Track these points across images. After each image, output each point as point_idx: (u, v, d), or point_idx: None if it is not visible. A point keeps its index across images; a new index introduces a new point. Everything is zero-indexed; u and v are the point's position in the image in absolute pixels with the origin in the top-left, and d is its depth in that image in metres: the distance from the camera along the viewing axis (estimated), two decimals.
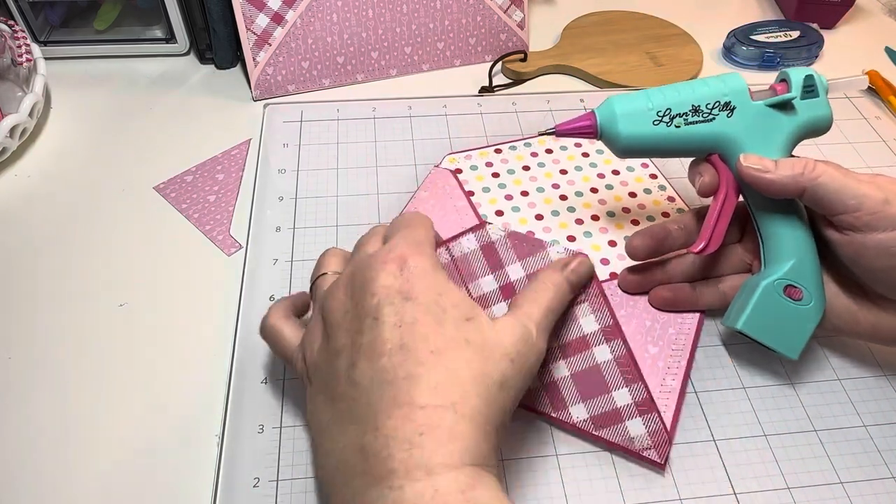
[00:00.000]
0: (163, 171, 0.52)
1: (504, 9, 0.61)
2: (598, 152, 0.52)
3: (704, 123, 0.37)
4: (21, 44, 0.54)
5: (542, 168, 0.51)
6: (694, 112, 0.37)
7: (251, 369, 0.39)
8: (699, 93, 0.37)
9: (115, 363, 0.40)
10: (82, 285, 0.44)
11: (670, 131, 0.37)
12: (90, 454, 0.36)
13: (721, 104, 0.37)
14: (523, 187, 0.49)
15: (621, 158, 0.39)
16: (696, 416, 0.37)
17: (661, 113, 0.37)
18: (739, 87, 0.37)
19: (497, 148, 0.52)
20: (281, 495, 0.34)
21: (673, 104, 0.37)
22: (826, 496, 0.35)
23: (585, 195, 0.49)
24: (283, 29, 0.56)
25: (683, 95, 0.37)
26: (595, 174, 0.50)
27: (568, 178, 0.50)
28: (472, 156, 0.51)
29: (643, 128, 0.37)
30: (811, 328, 0.37)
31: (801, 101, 0.37)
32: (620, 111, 0.38)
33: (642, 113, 0.37)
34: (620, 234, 0.46)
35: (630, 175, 0.51)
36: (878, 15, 0.72)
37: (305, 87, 0.59)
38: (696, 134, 0.37)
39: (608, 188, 0.49)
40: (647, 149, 0.38)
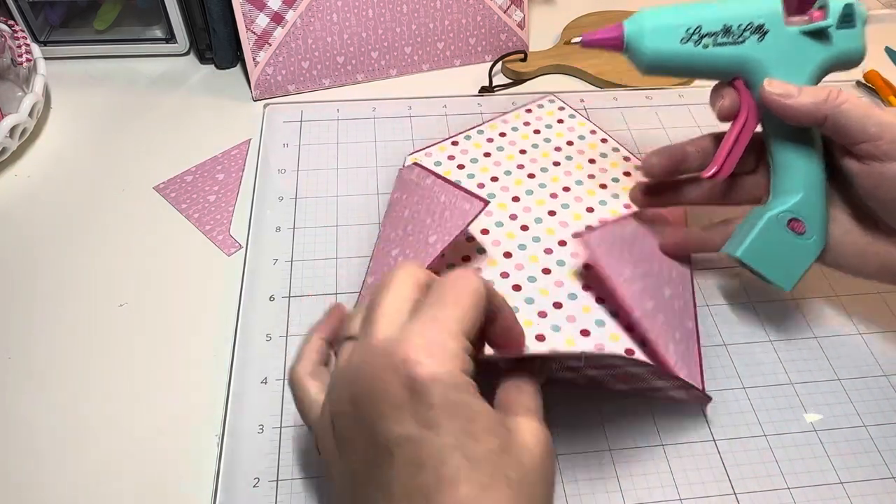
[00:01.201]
0: (163, 171, 0.52)
1: (504, 9, 0.61)
2: (548, 127, 0.54)
3: (733, 45, 0.36)
4: (21, 44, 0.54)
5: (501, 152, 0.52)
6: (725, 32, 0.36)
7: (251, 369, 0.39)
8: (732, 11, 0.36)
9: (114, 363, 0.40)
10: (82, 285, 0.44)
11: (697, 51, 0.36)
12: (90, 454, 0.36)
13: (754, 26, 0.36)
14: (491, 174, 0.50)
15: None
16: (696, 416, 0.37)
17: (690, 30, 0.36)
18: (774, 9, 0.36)
19: (453, 140, 0.52)
20: (281, 495, 0.34)
21: (704, 21, 0.36)
22: (826, 496, 0.35)
23: (550, 170, 0.50)
24: (283, 29, 0.56)
25: (716, 12, 0.36)
26: (552, 148, 0.52)
27: (529, 156, 0.51)
28: (433, 152, 0.51)
29: (670, 44, 0.36)
30: (809, 263, 0.38)
31: (836, 31, 0.36)
32: (649, 25, 0.37)
33: (671, 29, 0.36)
34: (595, 200, 0.48)
35: (583, 143, 0.52)
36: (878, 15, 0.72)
37: (305, 87, 0.59)
38: (724, 56, 0.36)
39: (568, 159, 0.51)
40: (672, 67, 0.37)
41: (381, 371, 0.24)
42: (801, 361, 0.40)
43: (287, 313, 0.42)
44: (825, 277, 0.45)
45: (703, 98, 0.58)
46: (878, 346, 0.41)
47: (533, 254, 0.44)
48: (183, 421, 0.38)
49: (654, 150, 0.40)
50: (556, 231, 0.46)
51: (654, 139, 0.54)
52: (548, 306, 0.41)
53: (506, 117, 0.55)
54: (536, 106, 0.56)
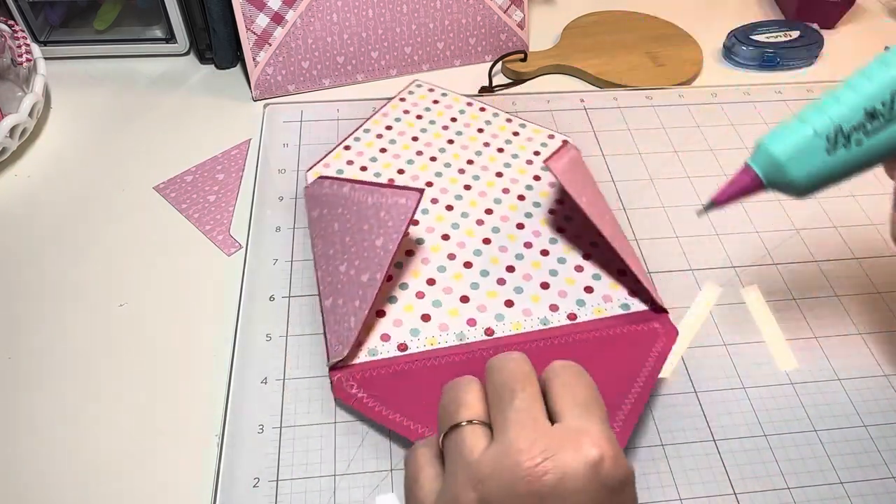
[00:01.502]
0: (163, 171, 0.52)
1: (504, 9, 0.61)
2: (427, 110, 0.55)
3: (891, 124, 0.30)
4: (21, 44, 0.54)
5: (395, 144, 0.52)
6: (870, 118, 0.30)
7: (251, 369, 0.39)
8: (866, 92, 0.30)
9: (115, 363, 0.40)
10: (82, 285, 0.44)
11: (853, 152, 0.30)
12: (90, 454, 0.36)
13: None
14: (395, 167, 0.50)
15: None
16: (696, 416, 0.37)
17: (829, 136, 0.30)
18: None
19: (345, 145, 0.52)
20: (281, 495, 0.34)
21: (840, 118, 0.30)
22: (826, 496, 0.35)
23: (448, 148, 0.52)
24: (283, 29, 0.56)
25: (849, 101, 0.30)
26: (440, 128, 0.53)
27: (423, 141, 0.52)
28: (330, 162, 0.50)
29: (818, 162, 0.30)
30: None
31: None
32: (782, 153, 0.31)
33: (808, 145, 0.30)
34: (500, 164, 0.50)
35: (466, 117, 0.54)
36: (878, 15, 0.72)
37: (305, 86, 0.59)
38: (886, 140, 0.30)
39: (458, 134, 0.53)
40: (835, 178, 0.31)
41: (579, 480, 0.24)
42: (801, 361, 0.40)
43: (287, 313, 0.42)
44: (825, 277, 0.45)
45: (703, 98, 0.59)
46: (878, 346, 0.41)
47: (468, 229, 0.46)
48: (183, 421, 0.38)
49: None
50: (478, 202, 0.48)
51: (654, 139, 0.54)
52: (503, 273, 0.43)
53: (384, 111, 0.55)
54: (407, 93, 0.57)
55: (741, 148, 0.54)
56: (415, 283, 0.42)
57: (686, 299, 0.43)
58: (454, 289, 0.42)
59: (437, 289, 0.42)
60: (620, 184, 0.51)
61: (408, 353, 0.39)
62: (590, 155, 0.53)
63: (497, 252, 0.45)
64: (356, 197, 0.43)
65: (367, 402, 0.36)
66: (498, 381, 0.28)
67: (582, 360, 0.35)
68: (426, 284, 0.42)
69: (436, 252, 0.44)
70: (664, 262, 0.45)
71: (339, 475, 0.35)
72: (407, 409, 0.36)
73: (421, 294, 0.42)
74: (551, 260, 0.44)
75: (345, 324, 0.39)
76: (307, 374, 0.39)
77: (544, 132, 0.54)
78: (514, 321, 0.41)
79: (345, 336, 0.38)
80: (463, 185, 0.49)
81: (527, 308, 0.42)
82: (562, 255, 0.44)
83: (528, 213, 0.47)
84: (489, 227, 0.46)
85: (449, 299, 0.42)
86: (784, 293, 0.44)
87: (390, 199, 0.41)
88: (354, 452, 0.36)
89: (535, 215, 0.47)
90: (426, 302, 0.41)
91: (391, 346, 0.39)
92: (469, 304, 0.42)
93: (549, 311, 0.41)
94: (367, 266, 0.39)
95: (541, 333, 0.40)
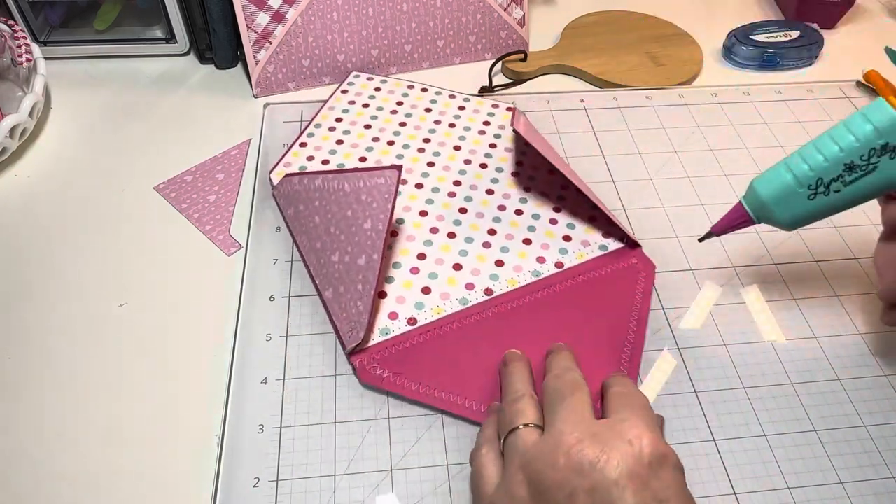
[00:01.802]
0: (163, 171, 0.52)
1: (504, 7, 0.61)
2: (371, 97, 0.56)
3: (867, 176, 0.32)
4: (21, 44, 0.54)
5: (350, 135, 0.53)
6: (849, 170, 0.32)
7: (251, 369, 0.39)
8: (846, 146, 0.32)
9: (114, 363, 0.40)
10: (82, 285, 0.44)
11: (833, 198, 0.33)
12: (90, 454, 0.36)
13: (877, 150, 0.32)
14: (357, 155, 0.51)
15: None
16: (696, 416, 0.37)
17: (811, 186, 0.33)
18: (891, 122, 0.31)
19: (300, 143, 0.52)
20: (281, 495, 0.34)
21: (821, 171, 0.33)
22: (826, 496, 0.35)
23: (402, 131, 0.53)
24: (283, 27, 0.56)
25: (828, 156, 0.33)
26: (389, 113, 0.54)
27: (377, 127, 0.53)
28: (291, 161, 0.50)
29: (801, 207, 0.34)
30: None
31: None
32: (768, 197, 0.34)
33: (792, 193, 0.34)
34: (455, 137, 0.52)
35: (411, 99, 0.56)
36: (878, 15, 0.72)
37: (306, 84, 0.59)
38: (864, 188, 0.33)
39: (408, 116, 0.54)
40: (816, 217, 0.34)
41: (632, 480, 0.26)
42: (802, 361, 0.40)
43: (287, 313, 0.42)
44: (825, 277, 0.45)
45: (703, 98, 0.59)
46: (878, 346, 0.41)
47: (443, 202, 0.48)
48: (183, 421, 0.38)
49: (886, 306, 0.37)
50: (445, 177, 0.50)
51: (654, 139, 0.54)
52: (486, 237, 0.46)
53: (329, 104, 0.55)
54: (347, 84, 0.57)
55: (741, 148, 0.54)
56: (406, 260, 0.44)
57: (686, 299, 0.43)
58: (445, 259, 0.44)
59: (430, 262, 0.44)
60: (620, 184, 0.51)
61: (419, 326, 0.40)
62: (590, 155, 0.53)
63: (475, 219, 0.47)
64: (331, 187, 0.43)
65: (394, 379, 0.38)
66: (552, 389, 0.32)
67: (578, 303, 0.42)
68: (417, 260, 0.44)
69: (418, 228, 0.46)
70: (664, 261, 0.45)
71: (339, 475, 0.35)
72: (430, 378, 0.38)
73: (415, 270, 0.43)
74: (526, 217, 0.47)
75: (352, 309, 0.39)
76: (307, 374, 0.39)
77: (487, 102, 0.56)
78: (508, 278, 0.43)
79: (356, 321, 0.39)
80: (426, 163, 0.51)
81: (517, 265, 0.44)
82: (535, 211, 0.47)
83: (493, 179, 0.50)
84: (461, 196, 0.48)
85: (443, 269, 0.43)
86: (784, 293, 0.44)
87: (369, 182, 0.41)
88: (354, 452, 0.36)
89: (501, 180, 0.50)
90: (422, 276, 0.43)
91: (401, 323, 0.40)
92: (462, 270, 0.44)
93: (537, 263, 0.44)
94: (362, 250, 0.40)
95: (535, 285, 0.43)
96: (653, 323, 0.42)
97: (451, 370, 0.38)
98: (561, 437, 0.28)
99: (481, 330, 0.40)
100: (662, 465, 0.27)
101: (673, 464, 0.27)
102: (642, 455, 0.26)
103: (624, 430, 0.28)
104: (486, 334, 0.40)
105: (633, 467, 0.26)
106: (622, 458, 0.26)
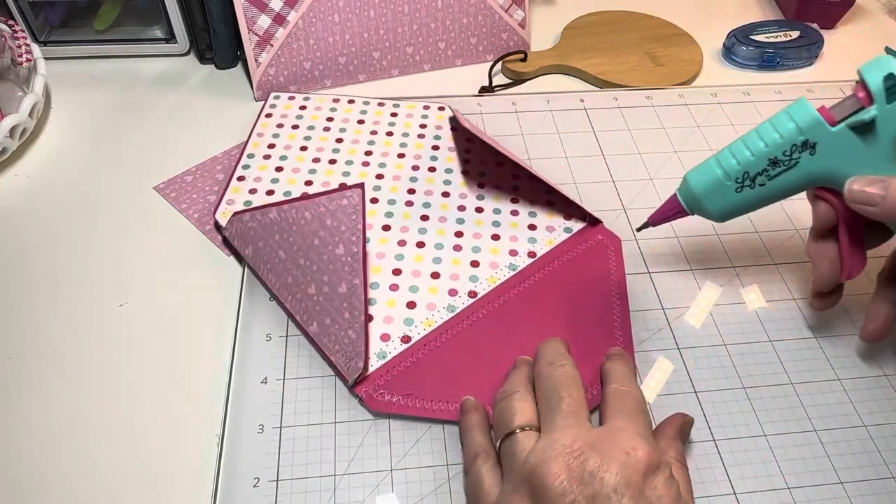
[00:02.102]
0: (163, 171, 0.52)
1: (505, 8, 0.61)
2: (299, 118, 0.54)
3: (789, 171, 0.34)
4: (21, 44, 0.54)
5: (287, 160, 0.50)
6: (773, 165, 0.34)
7: (251, 369, 0.39)
8: (770, 142, 0.34)
9: (114, 363, 0.40)
10: (82, 285, 0.44)
11: (758, 192, 0.35)
12: (90, 454, 0.36)
13: (798, 147, 0.34)
14: (301, 180, 0.49)
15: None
16: (695, 416, 0.37)
17: (739, 179, 0.35)
18: (811, 121, 0.33)
19: (238, 176, 0.49)
20: (281, 495, 0.34)
21: (747, 165, 0.35)
22: (826, 496, 0.35)
23: (341, 148, 0.52)
24: (284, 30, 0.56)
25: (754, 151, 0.34)
26: (322, 130, 0.53)
27: (314, 148, 0.52)
28: (233, 199, 0.48)
29: (729, 199, 0.36)
30: None
31: (889, 107, 0.32)
32: (699, 190, 0.36)
33: (720, 186, 0.36)
34: (396, 146, 0.52)
35: (339, 113, 0.54)
36: (878, 15, 0.72)
37: (307, 87, 0.59)
38: (787, 183, 0.35)
39: (342, 131, 0.53)
40: (744, 210, 0.36)
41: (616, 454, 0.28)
42: (801, 361, 0.40)
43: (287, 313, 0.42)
44: None
45: (703, 98, 0.59)
46: (878, 346, 0.41)
47: (402, 213, 0.47)
48: (183, 421, 0.38)
49: (813, 293, 0.39)
50: (397, 187, 0.49)
51: (654, 139, 0.54)
52: (455, 240, 0.45)
53: (257, 131, 0.53)
54: (269, 107, 0.55)
55: None
56: (382, 278, 0.43)
57: (686, 299, 0.43)
58: (421, 270, 0.44)
59: (406, 275, 0.43)
60: (620, 184, 0.51)
61: (414, 343, 0.40)
62: (590, 155, 0.53)
63: (439, 224, 0.46)
64: (290, 217, 0.41)
65: (404, 402, 0.37)
66: (548, 387, 0.32)
67: (560, 289, 0.42)
68: (394, 276, 0.43)
69: (384, 244, 0.45)
70: (664, 261, 0.45)
71: (339, 475, 0.35)
72: (438, 393, 0.38)
73: (394, 286, 0.43)
74: (488, 214, 0.47)
75: (344, 340, 0.38)
76: (307, 374, 0.39)
77: (418, 105, 0.56)
78: (488, 276, 0.43)
79: (352, 350, 0.38)
80: (375, 176, 0.50)
81: (492, 261, 0.44)
82: (495, 206, 0.48)
83: (446, 181, 0.49)
84: (419, 204, 0.48)
85: (422, 281, 0.43)
86: (784, 293, 0.44)
87: (331, 206, 0.40)
88: (354, 452, 0.36)
89: (453, 181, 0.49)
90: (403, 291, 0.42)
91: (395, 343, 0.40)
92: (441, 277, 0.43)
93: (511, 256, 0.45)
94: (340, 277, 0.39)
95: (515, 279, 0.43)
96: (653, 323, 0.42)
97: (455, 380, 0.38)
98: (561, 447, 0.29)
99: (475, 333, 0.40)
100: (657, 474, 0.28)
101: (666, 469, 0.29)
102: (638, 465, 0.28)
103: (621, 440, 0.29)
104: (480, 337, 0.40)
105: (631, 477, 0.27)
106: (620, 468, 0.27)
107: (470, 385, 0.38)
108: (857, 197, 0.33)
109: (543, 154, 0.53)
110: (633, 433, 0.29)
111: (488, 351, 0.39)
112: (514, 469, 0.30)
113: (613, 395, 0.33)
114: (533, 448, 0.30)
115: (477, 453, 0.33)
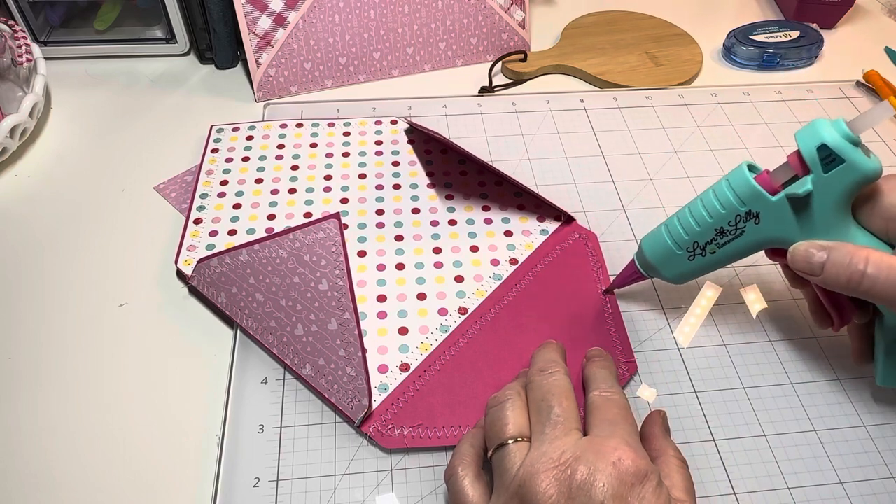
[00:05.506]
0: (163, 171, 0.52)
1: (505, 8, 0.61)
2: (247, 148, 0.51)
3: (738, 238, 0.35)
4: (21, 44, 0.54)
5: (244, 196, 0.48)
6: (720, 234, 0.35)
7: (251, 369, 0.39)
8: (714, 214, 0.35)
9: (114, 363, 0.40)
10: (82, 285, 0.44)
11: (710, 259, 0.36)
12: (89, 454, 0.36)
13: (742, 216, 0.34)
14: (263, 214, 0.47)
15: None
16: (696, 416, 0.37)
17: (689, 249, 0.36)
18: (751, 192, 0.33)
19: (195, 219, 0.46)
20: (281, 495, 0.34)
21: (695, 236, 0.36)
22: (826, 496, 0.35)
23: (299, 175, 0.49)
24: (285, 30, 0.56)
25: (700, 222, 0.35)
26: (274, 159, 0.51)
27: (269, 178, 0.49)
28: (195, 244, 0.45)
29: (682, 265, 0.37)
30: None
31: (826, 174, 0.31)
32: (653, 259, 0.38)
33: (673, 255, 0.37)
34: (355, 166, 0.50)
35: (289, 139, 0.52)
36: (878, 15, 0.72)
37: (308, 88, 0.59)
38: (739, 248, 0.35)
39: (295, 157, 0.51)
40: (699, 273, 0.38)
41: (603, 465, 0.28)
42: (801, 361, 0.40)
43: None
44: None
45: (703, 98, 0.59)
46: None
47: (376, 235, 0.46)
48: (183, 421, 0.38)
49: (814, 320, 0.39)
50: (365, 210, 0.47)
51: (654, 139, 0.54)
52: (434, 257, 0.44)
53: (206, 168, 0.50)
54: (213, 141, 0.52)
55: (741, 148, 0.54)
56: (368, 307, 0.41)
57: (686, 299, 0.43)
58: (406, 293, 0.42)
59: (392, 301, 0.42)
60: (620, 184, 0.51)
61: (413, 370, 0.38)
62: (590, 155, 0.53)
63: (415, 242, 0.45)
64: (263, 257, 0.40)
65: (416, 434, 0.36)
66: (539, 397, 0.32)
67: (547, 293, 0.42)
68: (379, 303, 0.42)
69: (364, 271, 0.43)
70: None
71: (339, 475, 0.35)
72: (446, 418, 0.36)
73: (382, 314, 0.41)
74: (462, 226, 0.46)
75: (343, 378, 0.37)
76: None
77: (370, 121, 0.54)
78: (475, 290, 0.43)
79: (353, 389, 0.36)
80: (339, 200, 0.48)
81: (476, 274, 0.44)
82: (467, 216, 0.47)
83: (413, 197, 0.48)
84: (391, 224, 0.46)
85: (409, 304, 0.42)
86: (784, 293, 0.44)
87: (307, 240, 0.39)
88: (354, 452, 0.36)
89: (421, 196, 0.48)
90: (392, 318, 0.41)
91: (395, 373, 0.38)
92: (428, 298, 0.42)
93: (493, 266, 0.44)
94: (328, 314, 0.38)
95: (502, 288, 0.43)
96: (653, 323, 0.42)
97: (462, 402, 0.37)
98: (549, 461, 0.29)
99: (474, 350, 0.39)
100: (645, 483, 0.28)
101: (654, 478, 0.29)
102: (626, 476, 0.28)
103: (607, 450, 0.29)
104: (479, 353, 0.39)
105: (618, 488, 0.27)
106: (607, 479, 0.28)
107: (477, 405, 0.37)
108: (799, 266, 0.33)
109: (543, 154, 0.53)
110: (619, 442, 0.29)
111: (489, 366, 0.39)
112: (504, 483, 0.30)
113: (596, 404, 0.33)
114: (522, 462, 0.30)
115: (456, 465, 0.32)
